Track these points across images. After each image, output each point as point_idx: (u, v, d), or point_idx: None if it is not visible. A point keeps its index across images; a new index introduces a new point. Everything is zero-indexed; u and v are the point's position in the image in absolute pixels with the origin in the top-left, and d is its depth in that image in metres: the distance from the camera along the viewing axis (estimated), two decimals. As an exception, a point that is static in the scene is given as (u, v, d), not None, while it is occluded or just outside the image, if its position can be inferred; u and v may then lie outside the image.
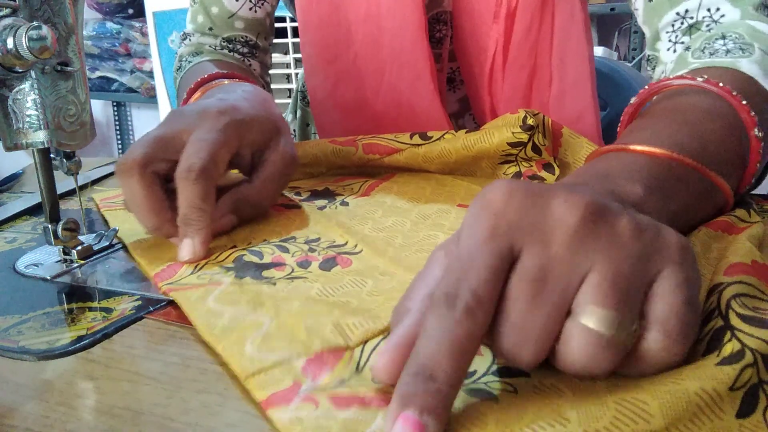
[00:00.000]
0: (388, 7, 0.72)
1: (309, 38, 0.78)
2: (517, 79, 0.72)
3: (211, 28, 0.80)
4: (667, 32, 0.58)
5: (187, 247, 0.44)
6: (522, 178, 0.60)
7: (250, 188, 0.50)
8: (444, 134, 0.61)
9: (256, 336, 0.32)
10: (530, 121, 0.58)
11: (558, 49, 0.71)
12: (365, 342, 0.32)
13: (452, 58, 0.80)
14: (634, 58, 2.18)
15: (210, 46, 0.80)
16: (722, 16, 0.55)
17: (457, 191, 0.58)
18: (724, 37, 0.52)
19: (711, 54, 0.50)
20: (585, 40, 0.71)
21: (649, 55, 0.63)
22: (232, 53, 0.81)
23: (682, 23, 0.57)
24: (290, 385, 0.28)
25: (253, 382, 0.29)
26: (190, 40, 0.82)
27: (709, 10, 0.55)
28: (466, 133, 0.60)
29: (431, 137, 0.61)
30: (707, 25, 0.56)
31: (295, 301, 0.36)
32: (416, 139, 0.62)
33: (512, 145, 0.59)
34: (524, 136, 0.58)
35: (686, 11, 0.56)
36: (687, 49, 0.55)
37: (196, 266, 0.43)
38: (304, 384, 0.28)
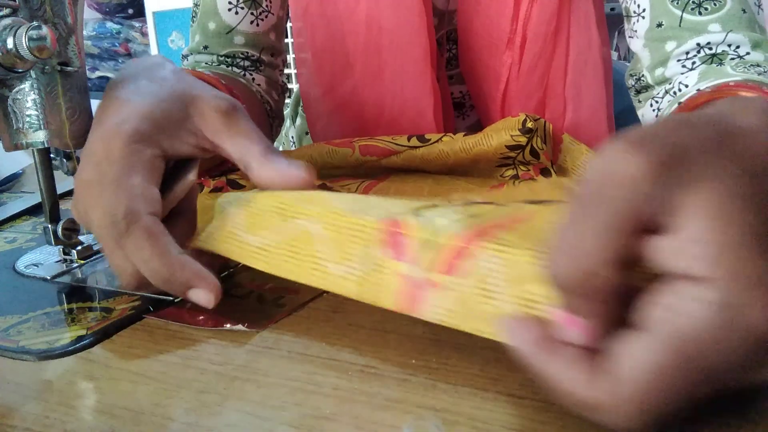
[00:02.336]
0: (390, 38, 0.67)
1: (306, 66, 0.73)
2: (524, 108, 0.68)
3: (206, 47, 0.72)
4: (680, 60, 0.56)
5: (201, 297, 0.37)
6: (520, 180, 0.60)
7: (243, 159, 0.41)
8: (442, 137, 0.61)
9: (322, 250, 0.34)
10: (530, 125, 0.58)
11: (573, 80, 0.67)
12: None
13: (461, 81, 0.76)
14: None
15: (206, 63, 0.73)
16: (747, 53, 0.54)
17: (455, 189, 0.58)
18: (759, 65, 0.51)
19: (759, 74, 0.49)
20: (602, 69, 0.67)
21: (641, 75, 0.60)
22: (230, 68, 0.72)
23: (699, 51, 0.56)
24: (400, 282, 0.30)
25: (369, 297, 0.31)
26: (187, 60, 0.75)
27: (730, 45, 0.54)
28: (464, 135, 0.61)
29: (429, 140, 0.61)
30: (732, 58, 0.54)
31: (317, 206, 0.35)
32: (414, 142, 0.62)
33: (510, 148, 0.59)
34: (523, 139, 0.58)
35: (708, 43, 0.55)
36: (719, 64, 0.54)
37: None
38: (406, 272, 0.30)
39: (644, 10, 0.59)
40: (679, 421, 0.23)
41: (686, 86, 0.55)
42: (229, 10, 0.71)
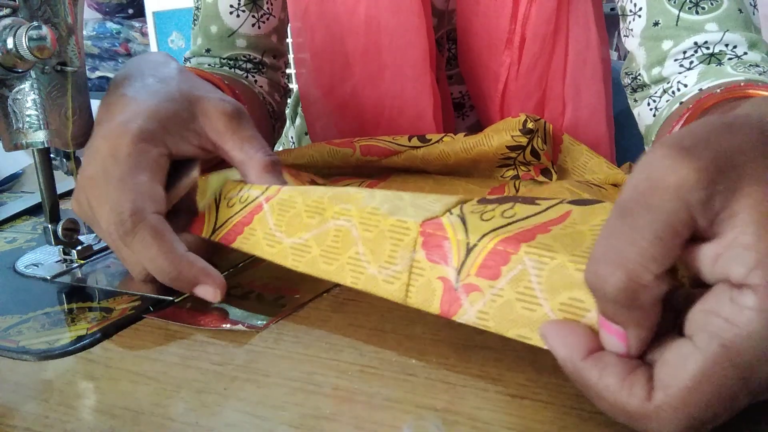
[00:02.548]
0: (389, 38, 0.66)
1: (306, 66, 0.73)
2: (523, 108, 0.68)
3: (208, 50, 0.72)
4: (677, 59, 0.56)
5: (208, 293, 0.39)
6: (520, 180, 0.60)
7: (242, 163, 0.42)
8: (443, 137, 0.61)
9: (363, 252, 0.33)
10: (530, 125, 0.58)
11: (572, 79, 0.67)
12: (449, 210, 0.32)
13: (461, 81, 0.76)
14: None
15: (209, 66, 0.72)
16: (744, 53, 0.54)
17: (455, 190, 0.58)
18: (758, 65, 0.51)
19: (759, 74, 0.49)
20: (601, 69, 0.67)
21: (637, 74, 0.60)
22: (233, 70, 0.72)
23: (696, 51, 0.55)
24: (442, 286, 0.30)
25: (414, 302, 0.31)
26: (189, 63, 0.74)
27: (727, 45, 0.54)
28: (465, 136, 0.61)
29: (430, 140, 0.61)
30: (730, 58, 0.54)
31: (350, 203, 0.35)
32: (415, 142, 0.62)
33: (511, 148, 0.59)
34: (523, 140, 0.58)
35: (705, 42, 0.55)
36: (719, 64, 0.54)
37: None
38: (448, 275, 0.30)
39: (640, 9, 0.59)
40: (716, 429, 0.23)
41: (685, 86, 0.55)
42: (231, 13, 0.71)
